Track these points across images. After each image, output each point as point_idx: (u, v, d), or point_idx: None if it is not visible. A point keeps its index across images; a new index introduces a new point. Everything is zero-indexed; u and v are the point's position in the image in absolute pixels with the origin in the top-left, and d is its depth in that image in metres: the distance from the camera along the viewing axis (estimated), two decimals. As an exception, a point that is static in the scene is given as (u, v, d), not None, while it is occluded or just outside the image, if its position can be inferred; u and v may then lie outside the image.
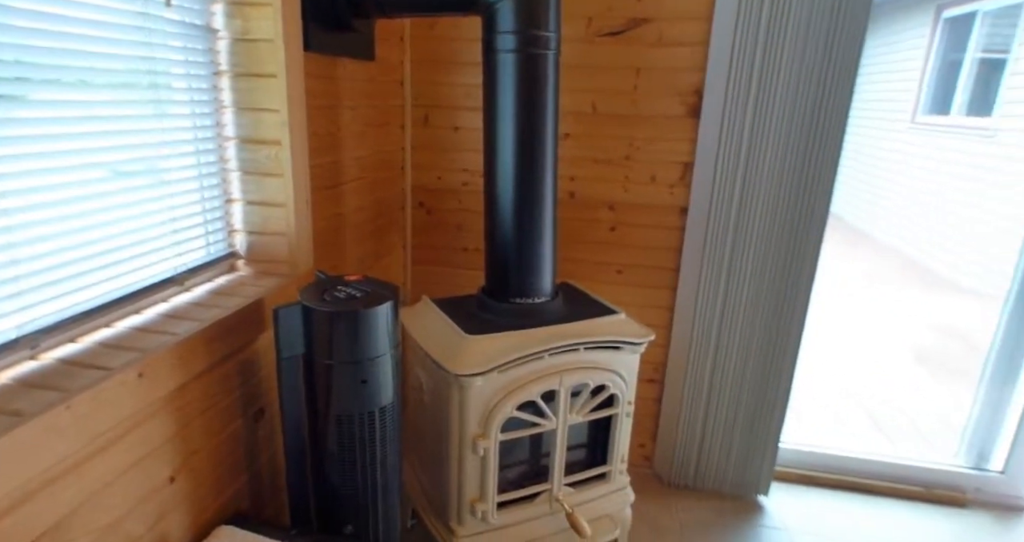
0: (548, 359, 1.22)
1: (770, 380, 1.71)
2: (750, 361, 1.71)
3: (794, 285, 1.62)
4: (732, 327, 1.69)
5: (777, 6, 1.44)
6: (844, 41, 1.43)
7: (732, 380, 1.73)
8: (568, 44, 1.64)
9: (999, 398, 1.82)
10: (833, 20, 1.43)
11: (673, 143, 1.67)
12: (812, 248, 1.59)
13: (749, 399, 1.74)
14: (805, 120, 1.51)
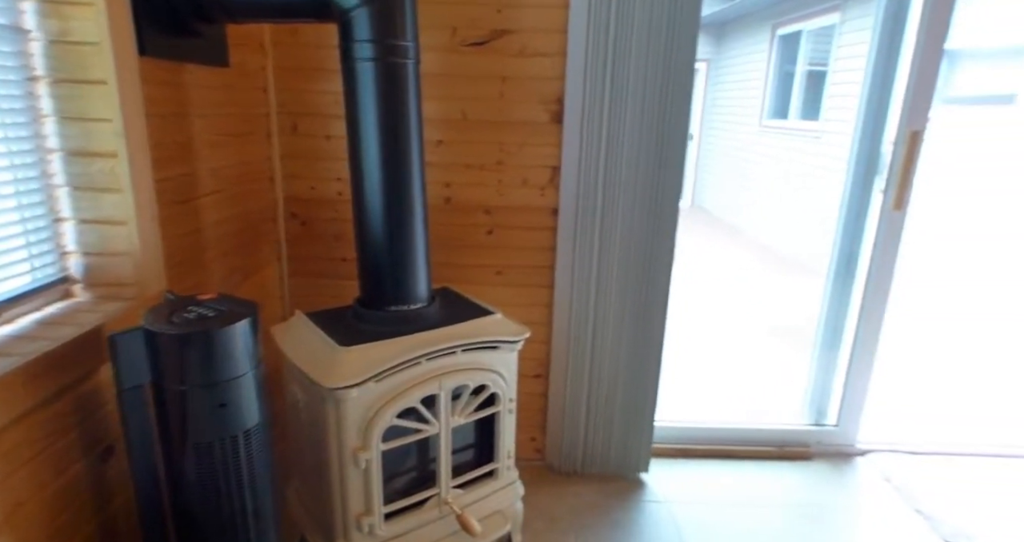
0: (426, 364, 1.23)
1: (642, 365, 1.83)
2: (623, 349, 1.83)
3: (655, 273, 1.76)
4: (605, 318, 1.80)
5: (622, 21, 1.56)
6: (679, 52, 1.58)
7: (609, 368, 1.84)
8: (435, 53, 1.67)
9: (828, 362, 2.08)
10: (670, 34, 1.57)
11: (541, 148, 1.74)
12: (668, 238, 1.73)
13: (625, 384, 1.86)
14: (653, 123, 1.64)
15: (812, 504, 1.84)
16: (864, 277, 1.94)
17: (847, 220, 1.97)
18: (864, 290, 1.95)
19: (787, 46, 6.12)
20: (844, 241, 1.99)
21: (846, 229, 1.97)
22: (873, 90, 1.83)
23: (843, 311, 2.02)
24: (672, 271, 1.77)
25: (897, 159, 1.81)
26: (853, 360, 2.02)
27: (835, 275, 2.02)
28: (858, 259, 1.96)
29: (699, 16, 1.55)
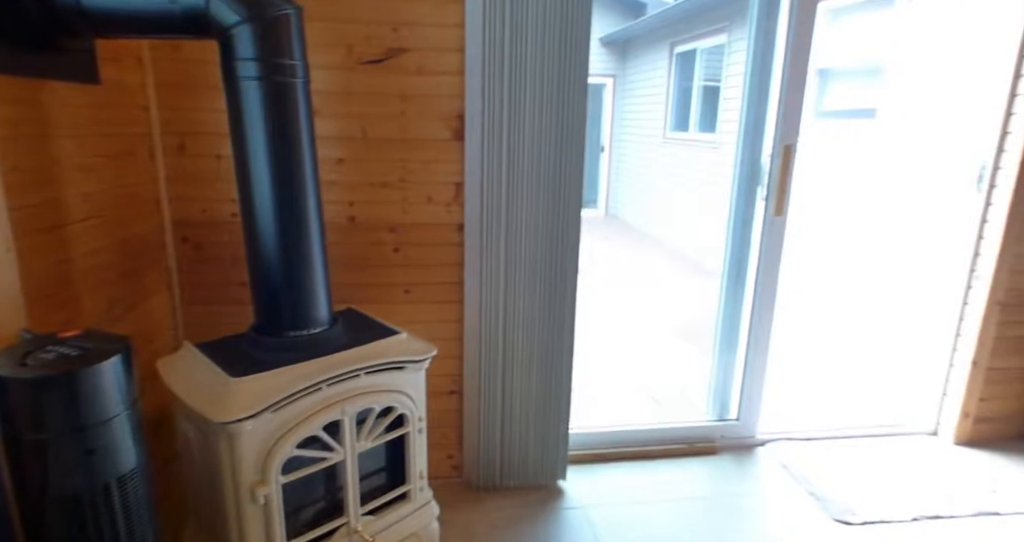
0: (327, 390, 1.20)
1: (553, 374, 1.87)
2: (535, 359, 1.86)
3: (562, 282, 1.81)
4: (515, 330, 1.82)
5: (516, 40, 1.60)
6: (573, 70, 1.65)
7: (521, 379, 1.86)
8: (332, 71, 1.64)
9: (728, 360, 2.22)
10: (562, 54, 1.63)
11: (444, 165, 1.75)
12: (572, 248, 1.78)
13: (538, 394, 1.88)
14: (551, 138, 1.69)
15: (719, 495, 1.94)
16: (753, 278, 2.09)
17: (735, 226, 2.11)
18: (754, 291, 2.09)
19: (684, 63, 6.50)
20: (734, 246, 2.13)
21: (734, 234, 2.11)
22: (750, 107, 1.98)
23: (737, 311, 2.16)
24: (578, 279, 1.83)
25: (774, 170, 1.96)
26: (749, 356, 2.16)
27: (728, 277, 2.16)
28: (747, 262, 2.11)
29: (589, 36, 1.62)
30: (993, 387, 2.25)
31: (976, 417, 2.27)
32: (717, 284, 2.23)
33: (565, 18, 1.61)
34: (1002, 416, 2.29)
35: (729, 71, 5.42)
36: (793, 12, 1.85)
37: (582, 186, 1.76)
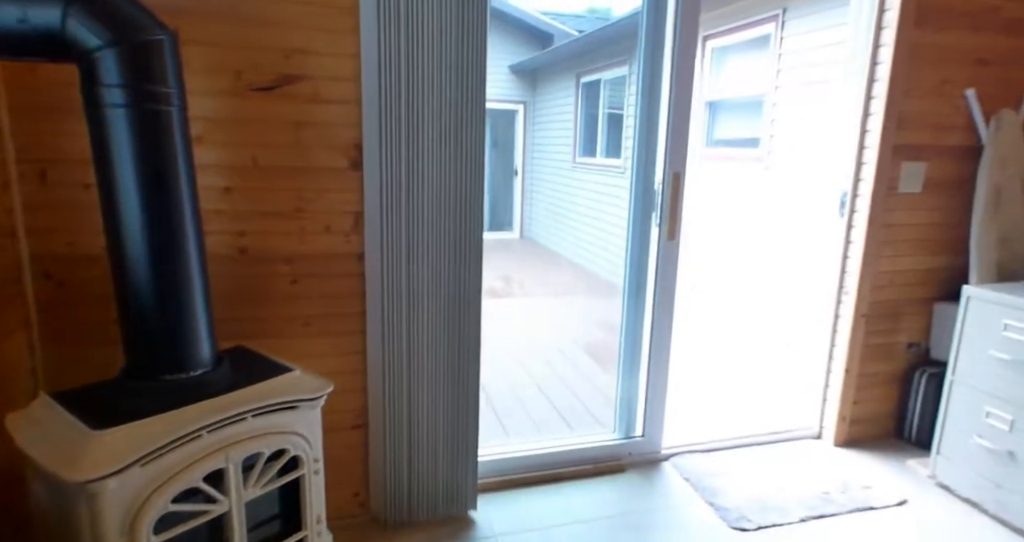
0: (207, 437, 1.12)
1: (460, 401, 1.86)
2: (441, 387, 1.83)
3: (465, 308, 1.81)
4: (420, 358, 1.79)
5: (413, 70, 1.62)
6: (470, 101, 1.68)
7: (428, 409, 1.83)
8: (218, 97, 1.57)
9: (632, 377, 2.30)
10: (459, 83, 1.66)
11: (343, 194, 1.72)
12: (475, 273, 1.79)
13: (445, 424, 1.86)
14: (451, 166, 1.71)
15: (627, 513, 1.99)
16: (651, 299, 2.19)
17: (633, 249, 2.21)
18: (652, 310, 2.19)
19: (590, 92, 6.81)
20: (632, 268, 2.22)
21: (632, 257, 2.21)
22: (641, 137, 2.10)
23: (639, 330, 2.25)
24: (481, 303, 1.84)
25: (665, 196, 2.08)
26: (651, 373, 2.25)
27: (628, 298, 2.25)
28: (646, 283, 2.21)
29: (485, 65, 1.66)
30: (864, 391, 2.47)
31: (851, 420, 2.48)
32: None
33: (462, 48, 1.64)
34: (872, 417, 2.52)
35: (630, 101, 5.73)
36: (676, 50, 2.00)
37: (483, 211, 1.78)
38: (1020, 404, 1.92)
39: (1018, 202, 2.32)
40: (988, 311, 2.02)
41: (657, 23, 2.01)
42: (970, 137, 2.35)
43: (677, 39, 1.98)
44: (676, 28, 1.98)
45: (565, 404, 2.96)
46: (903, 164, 2.30)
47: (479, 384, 1.87)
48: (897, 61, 2.18)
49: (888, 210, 2.32)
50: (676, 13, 1.97)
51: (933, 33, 2.21)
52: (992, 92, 2.34)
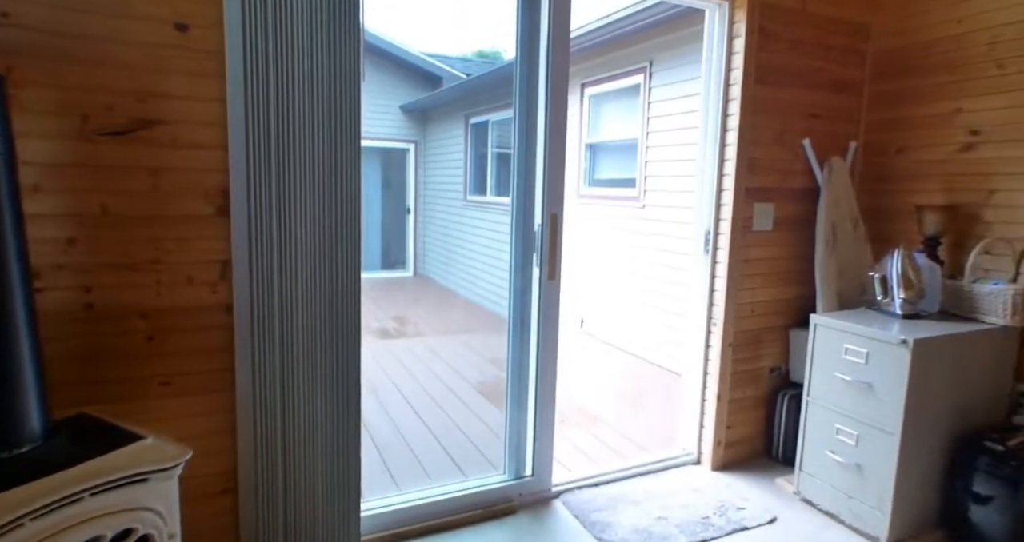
0: (32, 525, 0.98)
1: (340, 456, 1.77)
2: (319, 441, 1.74)
3: (344, 354, 1.74)
4: (296, 413, 1.69)
5: (284, 114, 1.58)
6: (344, 146, 1.66)
7: (306, 467, 1.72)
8: (61, 142, 1.44)
9: (519, 415, 2.31)
10: (332, 128, 1.64)
11: (208, 242, 1.62)
12: (353, 316, 1.74)
13: (325, 481, 1.76)
14: (326, 212, 1.67)
15: (521, 558, 1.96)
16: (535, 337, 2.23)
17: (515, 288, 2.25)
18: (537, 348, 2.23)
19: (479, 132, 7.00)
20: (516, 307, 2.27)
21: (515, 296, 2.26)
22: (520, 181, 2.18)
23: (525, 368, 2.28)
24: (360, 350, 1.78)
25: (544, 237, 2.16)
26: (538, 411, 2.27)
27: (513, 336, 2.28)
28: (530, 322, 2.25)
29: (359, 105, 1.65)
30: (735, 415, 2.66)
31: (726, 443, 2.65)
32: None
33: (335, 88, 1.63)
34: (744, 439, 2.71)
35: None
36: (549, 99, 2.11)
37: (360, 252, 1.75)
38: (863, 420, 2.15)
39: (850, 238, 2.66)
40: (832, 337, 2.26)
41: (531, 73, 2.12)
42: (810, 180, 2.67)
43: (550, 89, 2.10)
44: (548, 78, 2.10)
45: (457, 446, 2.91)
46: (755, 205, 2.56)
47: (360, 436, 1.80)
48: (744, 113, 2.45)
49: (745, 246, 2.56)
50: (548, 64, 2.09)
51: (773, 89, 2.51)
52: (824, 142, 2.69)
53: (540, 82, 2.12)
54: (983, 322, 2.22)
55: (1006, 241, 2.30)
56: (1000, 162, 2.34)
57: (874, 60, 2.74)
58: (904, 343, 2.00)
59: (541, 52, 2.10)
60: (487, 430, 3.14)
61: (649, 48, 4.18)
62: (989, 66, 2.36)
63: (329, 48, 1.59)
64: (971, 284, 2.27)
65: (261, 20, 1.49)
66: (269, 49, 1.52)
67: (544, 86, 2.11)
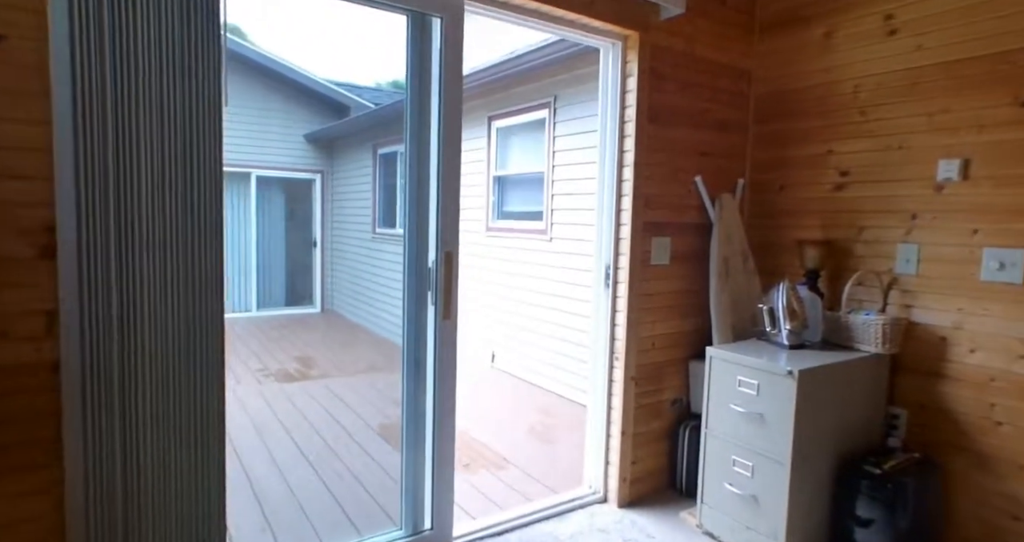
0: None
1: (201, 524, 1.53)
2: (173, 514, 1.50)
3: (205, 413, 1.53)
4: (142, 485, 1.46)
5: (125, 132, 1.39)
6: (203, 163, 1.49)
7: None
8: None
9: (416, 464, 2.15)
10: (190, 149, 1.46)
11: (27, 290, 1.38)
12: (214, 365, 1.54)
13: (182, 566, 1.52)
14: (179, 243, 1.48)
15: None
16: (431, 381, 2.10)
17: (409, 328, 2.12)
18: (433, 392, 2.10)
19: (387, 163, 6.85)
20: (410, 347, 2.13)
21: (409, 336, 2.12)
22: (412, 217, 2.07)
23: (422, 413, 2.13)
24: (224, 403, 1.57)
25: (439, 276, 2.05)
26: (436, 458, 2.12)
27: (408, 379, 2.14)
28: (425, 363, 2.12)
29: (220, 122, 1.49)
30: (640, 450, 2.63)
31: (632, 479, 2.61)
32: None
33: (189, 112, 1.46)
34: (649, 474, 2.68)
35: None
36: (441, 131, 2.03)
37: (223, 292, 1.56)
38: (757, 451, 2.17)
39: (741, 271, 2.75)
40: (726, 369, 2.29)
41: (422, 106, 2.04)
42: (703, 216, 2.75)
43: (442, 122, 2.03)
44: (441, 111, 2.03)
45: (352, 499, 2.68)
46: (653, 239, 2.59)
47: (225, 501, 1.58)
48: (639, 151, 2.49)
49: (645, 280, 2.57)
50: (440, 96, 2.02)
51: (665, 128, 2.58)
52: (715, 179, 2.79)
53: (432, 115, 2.04)
54: (859, 350, 2.34)
55: (875, 274, 2.46)
56: (866, 201, 2.51)
57: (756, 103, 2.91)
58: (790, 374, 2.05)
59: (433, 84, 2.03)
60: (387, 478, 2.94)
61: (554, 84, 4.27)
62: (854, 112, 2.55)
63: (182, 65, 1.42)
64: (847, 315, 2.39)
65: (96, 31, 1.31)
66: (106, 65, 1.34)
67: (437, 119, 2.04)
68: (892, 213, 2.43)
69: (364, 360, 5.57)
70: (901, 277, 2.40)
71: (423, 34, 2.01)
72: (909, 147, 2.38)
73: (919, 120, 2.34)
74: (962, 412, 2.23)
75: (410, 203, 2.06)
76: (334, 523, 2.47)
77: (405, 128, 2.06)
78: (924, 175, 2.33)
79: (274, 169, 7.77)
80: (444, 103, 2.01)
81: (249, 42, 7.68)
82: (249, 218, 7.69)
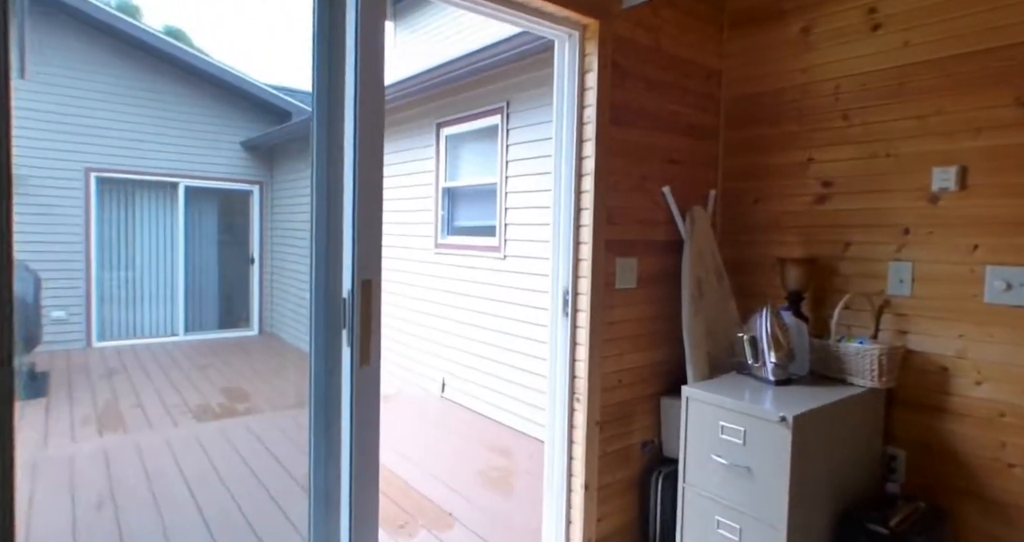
0: None
1: None
2: None
3: None
4: None
5: None
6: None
7: None
8: None
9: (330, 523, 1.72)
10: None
11: None
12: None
13: None
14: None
15: None
16: (348, 441, 1.68)
17: (318, 377, 1.70)
18: (351, 455, 1.68)
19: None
20: (319, 399, 1.70)
21: (318, 385, 1.70)
22: (319, 234, 1.67)
23: (335, 489, 1.70)
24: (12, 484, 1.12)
25: (355, 310, 1.64)
26: (353, 516, 1.69)
27: (316, 436, 1.71)
28: (340, 420, 1.70)
29: (7, 104, 1.06)
30: (606, 505, 2.26)
31: (597, 540, 2.23)
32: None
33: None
34: (618, 531, 2.31)
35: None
36: (358, 129, 1.64)
37: (11, 337, 1.11)
38: (744, 511, 1.83)
39: (716, 293, 2.43)
40: (706, 412, 1.95)
41: (333, 99, 1.64)
42: (673, 232, 2.43)
43: (359, 117, 1.64)
44: (356, 104, 1.63)
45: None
46: (617, 259, 2.25)
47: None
48: (600, 156, 2.16)
49: (608, 307, 2.22)
50: (356, 89, 1.63)
51: (630, 131, 2.26)
52: (684, 190, 2.48)
53: (347, 108, 1.65)
54: (852, 384, 2.05)
55: (864, 296, 2.18)
56: (852, 214, 2.24)
57: (727, 106, 2.63)
58: (783, 421, 1.73)
59: (348, 69, 1.64)
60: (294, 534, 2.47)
61: (507, 87, 3.93)
62: (835, 116, 2.28)
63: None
64: (837, 343, 2.09)
65: None
66: None
67: (352, 112, 1.64)
68: (881, 227, 2.16)
69: (299, 391, 5.04)
70: (894, 299, 2.12)
71: (332, 7, 1.62)
72: (899, 154, 2.12)
73: (909, 124, 2.09)
74: (969, 452, 1.96)
75: (318, 215, 1.66)
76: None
77: (312, 124, 1.66)
78: (916, 185, 2.07)
79: (207, 179, 7.14)
80: (361, 94, 1.62)
81: (195, 48, 7.08)
82: (176, 233, 7.03)
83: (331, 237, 1.65)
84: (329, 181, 1.64)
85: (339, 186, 1.65)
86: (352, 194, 1.62)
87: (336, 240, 1.65)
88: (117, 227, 6.86)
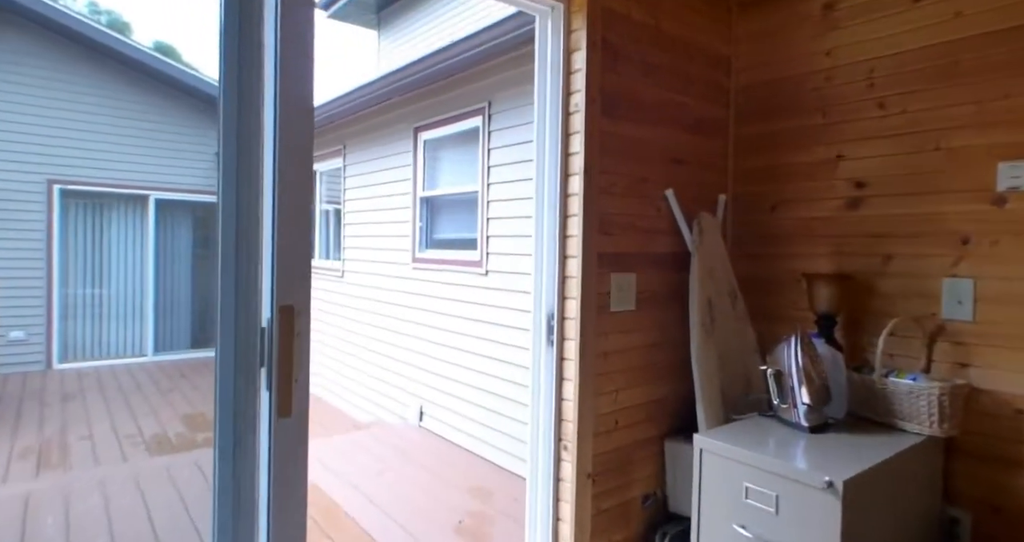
0: None
1: None
2: None
3: None
4: None
5: None
6: None
7: None
8: None
9: None
10: None
11: None
12: None
13: None
14: None
15: None
16: (264, 519, 1.28)
17: (223, 433, 1.30)
18: (268, 525, 1.27)
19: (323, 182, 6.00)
20: (224, 461, 1.30)
21: (224, 443, 1.30)
22: (227, 250, 1.27)
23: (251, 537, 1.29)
24: None
25: (274, 345, 1.25)
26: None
27: (221, 520, 1.30)
28: (253, 491, 1.30)
29: None
30: (603, 579, 1.85)
31: (593, 624, 1.82)
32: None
33: None
34: (618, 610, 1.90)
35: (347, 195, 5.05)
36: (278, 116, 1.26)
37: None
38: (778, 601, 1.42)
39: (730, 316, 2.05)
40: (725, 469, 1.56)
41: (244, 83, 1.26)
42: (677, 243, 2.06)
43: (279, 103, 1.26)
44: (277, 87, 1.26)
45: None
46: (612, 276, 1.87)
47: None
48: (591, 152, 1.79)
49: (602, 334, 1.84)
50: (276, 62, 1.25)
51: (624, 124, 1.89)
52: (691, 194, 2.12)
53: (266, 93, 1.27)
54: (903, 430, 1.66)
55: (913, 320, 1.80)
56: (893, 221, 1.87)
57: (738, 97, 2.27)
58: (831, 487, 1.33)
59: (267, 34, 1.26)
60: None
61: (489, 86, 3.57)
62: (870, 105, 1.92)
63: None
64: (884, 379, 1.71)
65: None
66: None
67: (272, 97, 1.26)
68: (932, 236, 1.79)
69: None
70: (950, 324, 1.74)
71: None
72: (952, 147, 1.75)
73: (964, 111, 1.73)
74: (1051, 517, 1.56)
75: (224, 225, 1.27)
76: None
77: (219, 112, 1.28)
78: (977, 184, 1.71)
79: (179, 191, 6.75)
80: (282, 69, 1.24)
81: (184, 63, 6.72)
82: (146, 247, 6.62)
83: (250, 253, 1.26)
84: (239, 170, 1.26)
85: (255, 176, 1.26)
86: (273, 189, 1.24)
87: (252, 252, 1.26)
88: (83, 241, 6.46)
